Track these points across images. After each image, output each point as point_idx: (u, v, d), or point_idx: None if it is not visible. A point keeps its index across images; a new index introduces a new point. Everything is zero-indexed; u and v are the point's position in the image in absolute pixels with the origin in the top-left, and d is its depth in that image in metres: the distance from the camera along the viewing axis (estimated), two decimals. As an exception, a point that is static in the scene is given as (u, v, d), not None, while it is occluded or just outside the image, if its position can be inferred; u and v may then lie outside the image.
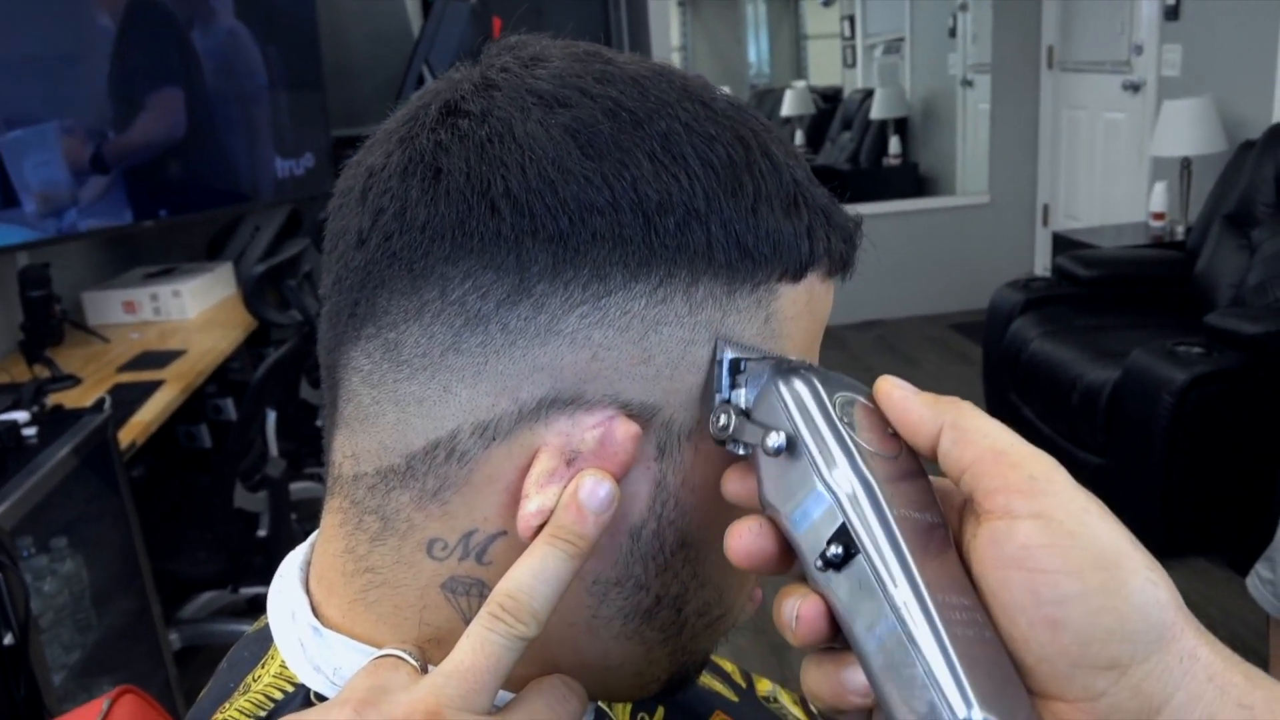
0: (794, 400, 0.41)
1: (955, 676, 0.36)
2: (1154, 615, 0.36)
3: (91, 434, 1.90)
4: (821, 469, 0.40)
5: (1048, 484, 0.38)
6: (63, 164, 2.67)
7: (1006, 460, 0.39)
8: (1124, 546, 0.37)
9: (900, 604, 0.38)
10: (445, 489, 0.43)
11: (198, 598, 2.74)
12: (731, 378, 0.43)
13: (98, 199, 2.77)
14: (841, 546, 0.39)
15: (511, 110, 0.42)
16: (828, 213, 0.47)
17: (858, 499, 0.39)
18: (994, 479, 0.38)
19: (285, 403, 3.03)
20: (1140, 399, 2.92)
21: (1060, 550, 0.37)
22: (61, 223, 2.65)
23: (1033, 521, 0.37)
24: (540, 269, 0.41)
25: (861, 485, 0.39)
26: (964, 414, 0.40)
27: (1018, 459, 0.39)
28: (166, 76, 3.02)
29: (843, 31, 8.20)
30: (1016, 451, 0.39)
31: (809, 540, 0.40)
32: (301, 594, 0.49)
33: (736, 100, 0.47)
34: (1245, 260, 3.47)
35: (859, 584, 0.39)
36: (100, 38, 2.81)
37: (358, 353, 0.45)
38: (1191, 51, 4.27)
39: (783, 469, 0.41)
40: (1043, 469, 0.38)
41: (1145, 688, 0.36)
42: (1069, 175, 5.43)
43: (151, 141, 2.97)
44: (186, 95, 3.06)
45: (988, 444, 0.39)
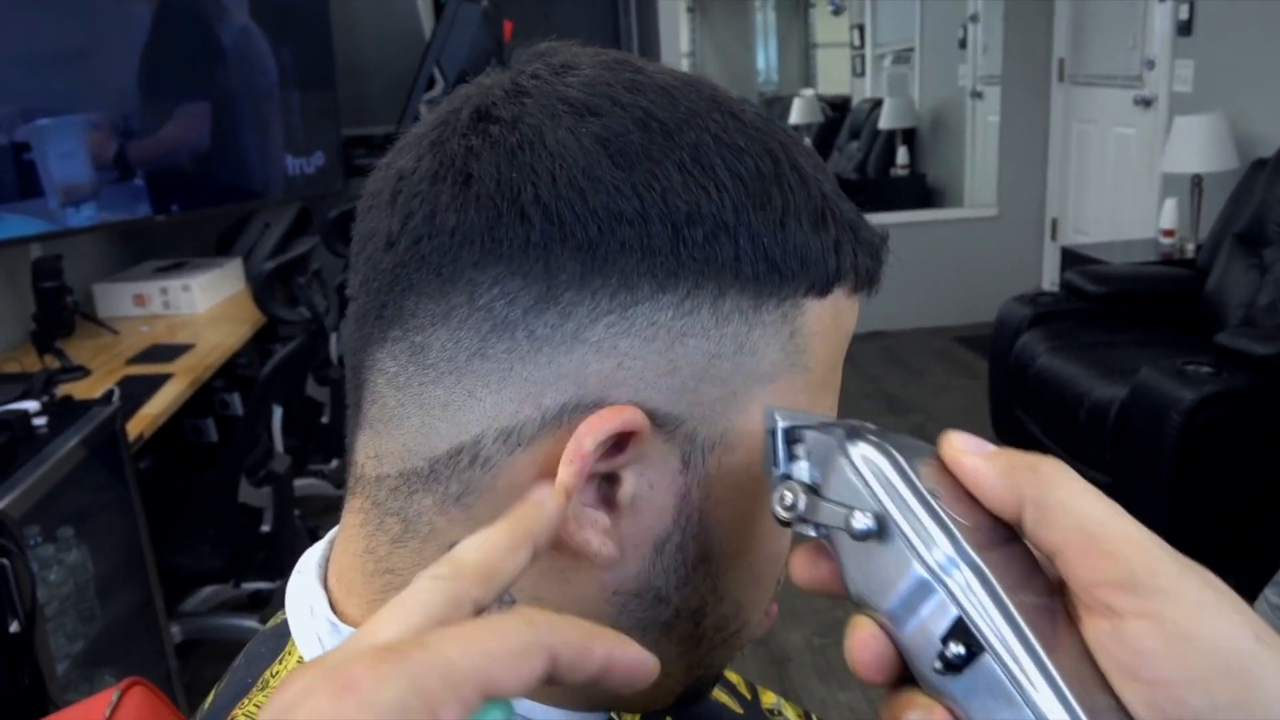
0: (873, 473, 0.37)
1: None
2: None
3: (100, 425, 1.91)
4: (922, 553, 0.35)
5: (1151, 576, 0.33)
6: (87, 160, 2.70)
7: (1099, 548, 0.34)
8: (1248, 645, 0.32)
9: (1046, 711, 0.33)
10: (468, 493, 0.44)
11: (200, 591, 2.75)
12: (789, 448, 0.40)
13: (112, 193, 2.78)
14: (963, 645, 0.34)
15: (542, 117, 0.43)
16: (855, 227, 0.47)
17: (971, 587, 0.34)
18: (1088, 570, 0.34)
19: (291, 399, 3.04)
20: (1148, 418, 2.91)
21: (1179, 657, 0.32)
22: (79, 215, 2.66)
23: (1142, 622, 0.33)
24: (568, 277, 0.41)
25: (972, 570, 0.35)
26: (1045, 488, 0.36)
27: (1112, 546, 0.34)
28: (196, 85, 3.05)
29: (852, 40, 8.22)
30: (1110, 536, 0.34)
31: (919, 639, 0.35)
32: (320, 590, 0.49)
33: (765, 112, 0.47)
34: (1256, 279, 3.46)
35: (988, 688, 0.34)
36: (134, 33, 2.83)
37: (384, 354, 0.45)
38: (1204, 67, 4.27)
39: (872, 555, 0.36)
40: (1144, 558, 0.34)
41: None
42: (1078, 189, 5.43)
43: (175, 151, 2.99)
44: (213, 106, 3.08)
45: (1075, 525, 0.35)
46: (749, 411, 0.44)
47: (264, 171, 3.36)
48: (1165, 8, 4.43)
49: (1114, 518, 0.35)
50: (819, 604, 2.95)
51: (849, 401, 4.00)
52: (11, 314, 2.71)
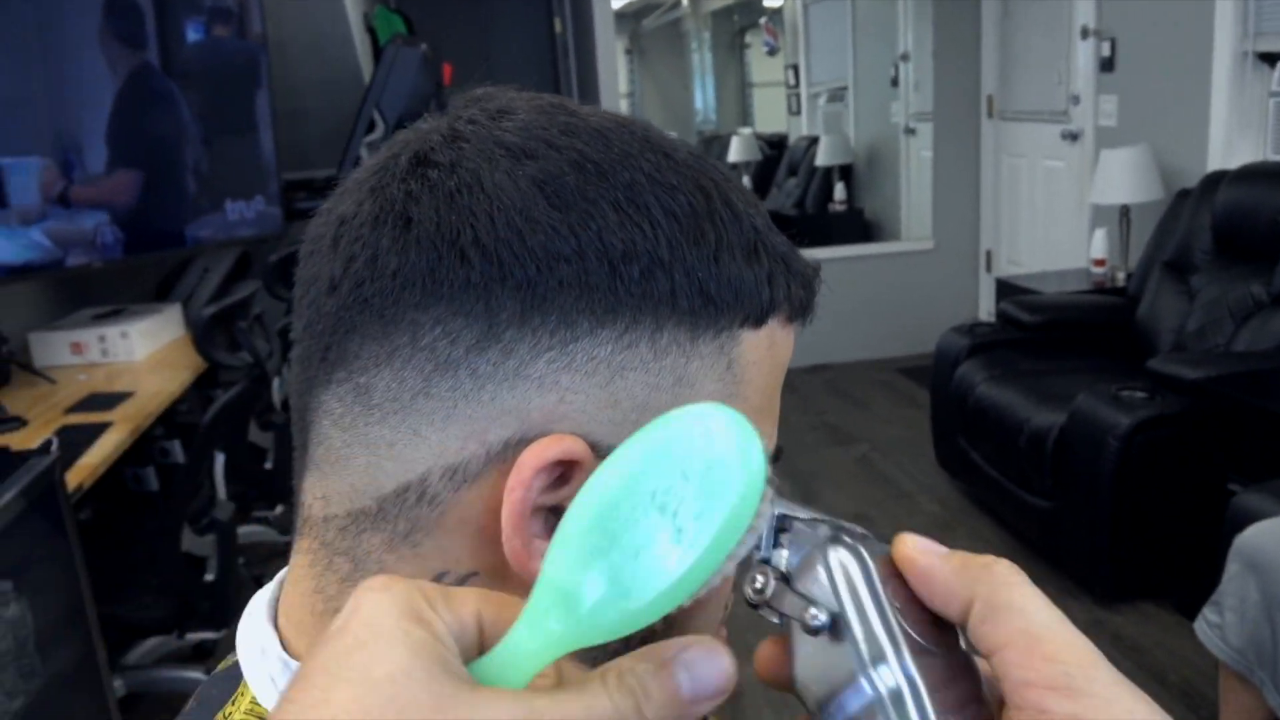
0: (842, 575, 0.38)
1: None
2: None
3: (38, 477, 1.87)
4: (866, 661, 0.36)
5: (1086, 682, 0.34)
6: (38, 193, 2.80)
7: (1041, 651, 0.35)
8: None
9: None
10: (416, 531, 0.44)
11: (143, 643, 2.70)
12: (775, 536, 0.40)
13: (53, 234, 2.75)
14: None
15: (480, 161, 0.44)
16: (787, 260, 0.48)
17: (903, 700, 0.36)
18: (1026, 670, 0.35)
19: (234, 445, 2.99)
20: (1086, 443, 2.97)
21: None
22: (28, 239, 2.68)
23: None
24: (509, 315, 0.42)
25: (908, 684, 0.36)
26: (997, 587, 0.37)
27: (1053, 650, 0.35)
28: (133, 133, 3.06)
29: (787, 80, 8.33)
30: (1053, 639, 0.35)
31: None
32: (271, 631, 0.50)
33: (697, 150, 0.49)
34: (1185, 306, 3.55)
35: None
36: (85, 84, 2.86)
37: (329, 396, 0.45)
38: (1127, 102, 4.39)
39: (821, 650, 0.38)
40: (1080, 663, 0.35)
41: None
42: (1011, 222, 5.54)
43: (107, 204, 2.99)
44: (149, 153, 3.09)
45: (1021, 626, 0.36)
46: None
47: (203, 216, 3.33)
48: (1088, 45, 4.56)
49: (1059, 624, 0.36)
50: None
51: (794, 434, 4.02)
52: (-56, 366, 2.65)
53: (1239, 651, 2.12)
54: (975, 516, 3.73)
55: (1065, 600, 3.08)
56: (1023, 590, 0.37)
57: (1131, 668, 2.73)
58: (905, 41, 6.33)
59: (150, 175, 3.11)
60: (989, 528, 3.63)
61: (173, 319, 3.22)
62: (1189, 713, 2.55)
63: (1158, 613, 2.99)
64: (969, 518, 3.74)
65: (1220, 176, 3.54)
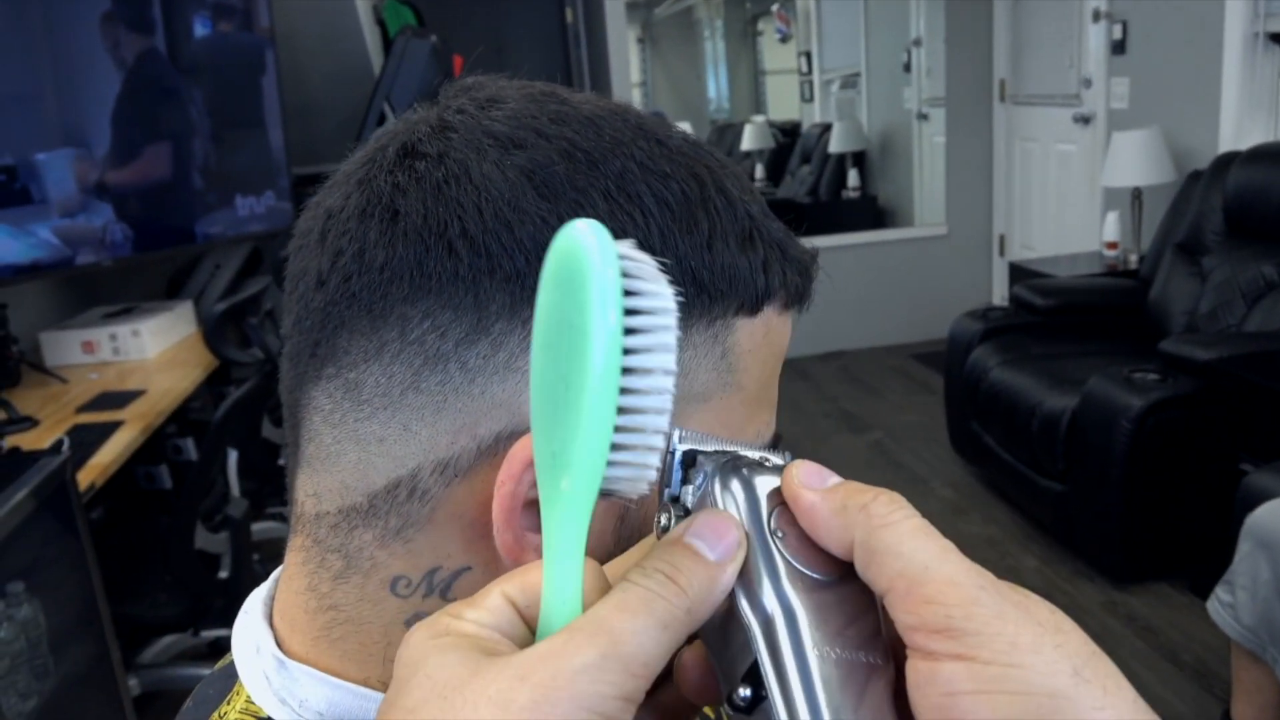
0: (731, 506, 0.37)
1: None
2: None
3: (49, 476, 1.88)
4: (744, 592, 0.35)
5: (966, 619, 0.32)
6: (74, 184, 2.84)
7: (920, 594, 0.33)
8: (1062, 684, 0.32)
9: None
10: (408, 527, 0.44)
11: (158, 642, 2.71)
12: (684, 471, 0.39)
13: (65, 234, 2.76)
14: (750, 689, 0.34)
15: (468, 152, 0.43)
16: (783, 246, 0.48)
17: (775, 631, 0.34)
18: (909, 614, 0.33)
19: (247, 442, 3.00)
20: (1099, 425, 2.96)
21: (987, 698, 0.32)
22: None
23: (954, 664, 0.32)
24: (498, 308, 0.41)
25: (783, 613, 0.34)
26: (873, 528, 0.35)
27: (932, 591, 0.33)
28: (148, 126, 3.09)
29: (800, 67, 8.30)
30: (931, 581, 0.33)
31: (728, 673, 0.36)
32: (266, 629, 0.49)
33: (692, 137, 0.48)
34: (1197, 287, 3.53)
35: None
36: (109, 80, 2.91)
37: (319, 392, 0.45)
38: (1139, 84, 4.36)
39: None
40: (960, 601, 0.33)
41: None
42: (1023, 206, 5.51)
43: (141, 184, 3.01)
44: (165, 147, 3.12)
45: (899, 569, 0.34)
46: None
47: (213, 212, 3.34)
48: (1099, 28, 4.53)
49: (939, 562, 0.34)
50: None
51: (808, 421, 4.02)
52: (-43, 366, 2.66)
53: (1251, 630, 2.12)
54: (989, 501, 3.73)
55: (1079, 582, 3.08)
56: (899, 529, 0.34)
57: (1145, 648, 2.74)
58: (917, 27, 6.30)
59: (162, 168, 3.12)
60: (1003, 512, 3.62)
61: (184, 316, 3.23)
62: (1202, 692, 2.55)
63: (1170, 593, 2.99)
64: (982, 502, 3.73)
65: (1231, 158, 3.53)
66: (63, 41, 2.82)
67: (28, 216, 2.68)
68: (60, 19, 2.79)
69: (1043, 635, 0.33)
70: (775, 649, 0.34)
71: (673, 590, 0.33)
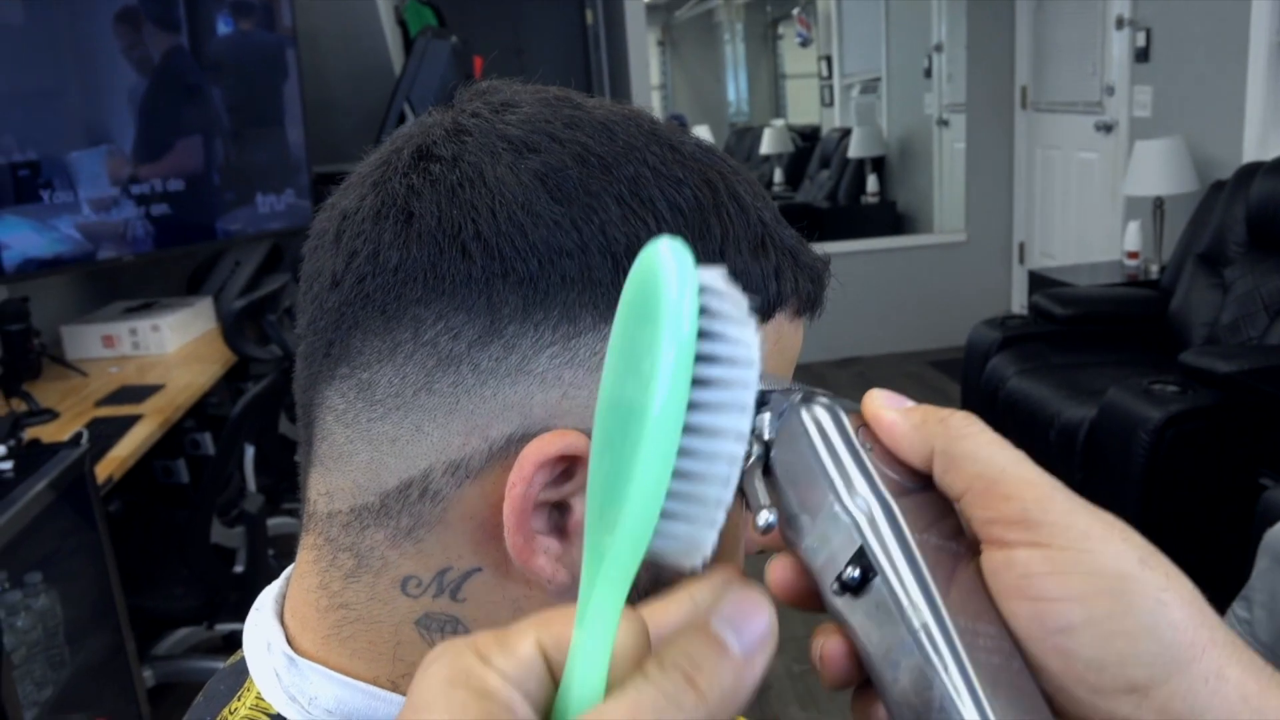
0: (815, 426, 0.40)
1: (978, 702, 0.34)
2: (1167, 637, 0.35)
3: (68, 469, 1.89)
4: (840, 492, 0.38)
5: (1042, 513, 0.36)
6: (106, 180, 2.89)
7: (998, 491, 0.37)
8: (1130, 568, 0.36)
9: (919, 626, 0.36)
10: (419, 527, 0.44)
11: (172, 634, 2.72)
12: (756, 409, 0.41)
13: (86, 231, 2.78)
14: (859, 569, 0.37)
15: (482, 155, 0.43)
16: (795, 253, 0.48)
17: (875, 519, 0.37)
18: (987, 510, 0.37)
19: (264, 438, 3.02)
20: (1117, 437, 2.94)
21: (1061, 578, 0.35)
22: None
23: (1030, 550, 0.36)
24: (511, 311, 0.42)
25: (880, 506, 0.38)
26: (952, 438, 0.38)
27: (1010, 489, 0.37)
28: (185, 123, 3.14)
29: (820, 71, 8.30)
30: (1008, 480, 0.37)
31: (827, 566, 0.38)
32: (277, 626, 0.50)
33: (706, 143, 0.48)
34: (1219, 299, 3.51)
35: (876, 607, 0.37)
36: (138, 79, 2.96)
37: (332, 392, 0.45)
38: (1162, 93, 4.34)
39: (803, 491, 0.40)
40: (1037, 497, 0.36)
41: (1171, 709, 0.35)
42: (1044, 214, 5.49)
43: (166, 180, 3.07)
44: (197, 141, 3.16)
45: (977, 471, 0.37)
46: None
47: (234, 209, 3.36)
48: (1123, 35, 4.51)
49: (1014, 464, 0.37)
50: (798, 631, 2.94)
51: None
52: (-22, 358, 2.69)
53: (1268, 647, 2.10)
54: (1005, 511, 3.71)
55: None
56: (977, 439, 0.38)
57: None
58: (939, 32, 6.29)
59: (188, 164, 3.15)
60: (1019, 523, 3.60)
61: (203, 312, 3.25)
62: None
63: (1189, 608, 2.96)
64: (999, 512, 3.71)
65: (1255, 168, 3.49)
66: (86, 39, 2.84)
67: (51, 211, 2.70)
68: (83, 16, 2.81)
69: (1111, 529, 0.36)
70: (880, 533, 0.37)
71: (691, 698, 0.30)
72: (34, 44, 2.69)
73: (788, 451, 0.40)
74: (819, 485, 0.39)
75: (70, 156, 2.78)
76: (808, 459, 0.40)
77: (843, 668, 0.39)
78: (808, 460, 0.40)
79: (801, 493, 0.40)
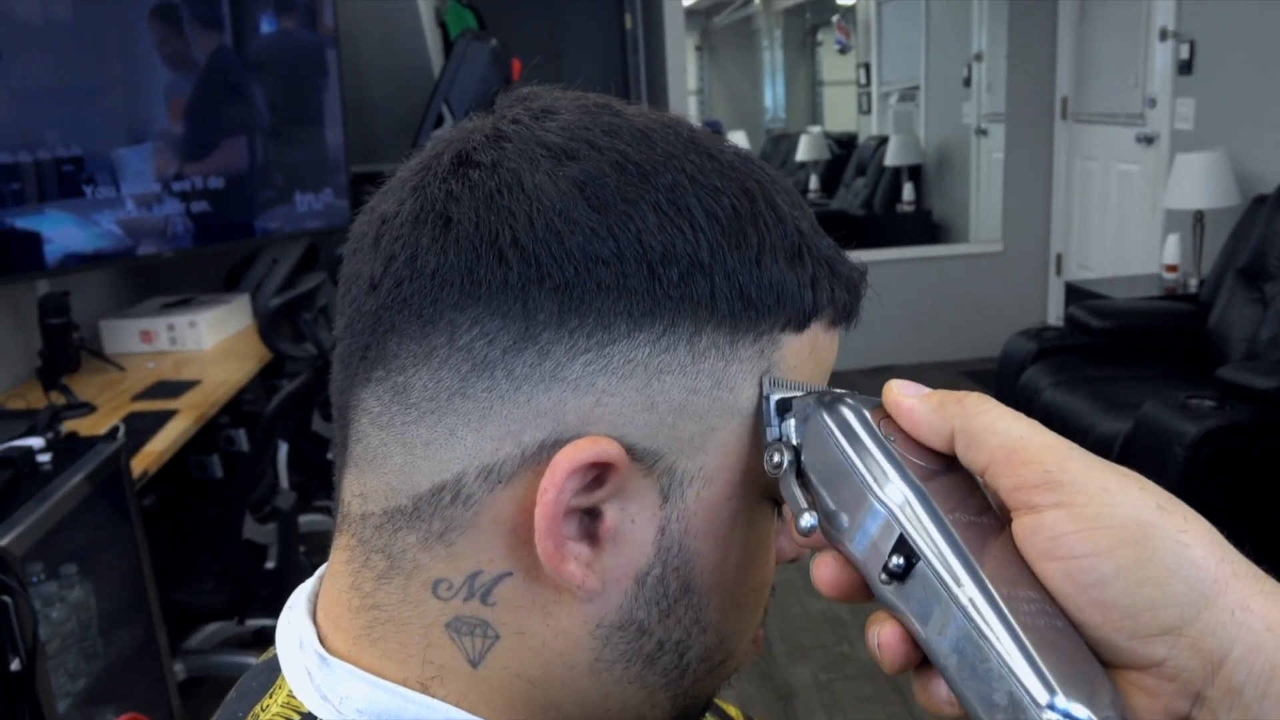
0: (840, 426, 0.42)
1: (1033, 664, 0.36)
2: (1191, 576, 0.38)
3: (105, 462, 1.91)
4: (873, 485, 0.41)
5: (1062, 473, 0.39)
6: (153, 177, 2.94)
7: (1019, 458, 0.39)
8: (1149, 515, 0.38)
9: (966, 601, 0.38)
10: (451, 530, 0.44)
11: (204, 628, 2.75)
12: (780, 416, 0.44)
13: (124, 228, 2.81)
14: (902, 556, 0.40)
15: (521, 162, 0.44)
16: (832, 263, 0.48)
17: (912, 507, 0.40)
18: (1010, 478, 0.39)
19: (297, 435, 3.04)
20: (1152, 451, 2.91)
21: (1086, 535, 0.38)
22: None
23: (1055, 511, 0.38)
24: (546, 317, 0.42)
25: (914, 493, 0.40)
26: (970, 415, 0.41)
27: (1030, 454, 0.39)
28: (228, 121, 3.19)
29: (858, 79, 8.27)
30: (1028, 446, 0.39)
31: (870, 557, 0.41)
32: (309, 624, 0.50)
33: (744, 152, 0.48)
34: (1259, 314, 3.47)
35: (924, 590, 0.39)
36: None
37: (367, 395, 0.46)
38: (1205, 105, 4.29)
39: (838, 491, 0.42)
40: (1056, 458, 0.39)
41: (1203, 645, 0.37)
42: (1082, 226, 5.44)
43: (208, 178, 3.11)
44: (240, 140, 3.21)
45: (997, 443, 0.40)
46: (727, 446, 0.45)
47: (272, 208, 3.39)
48: (1166, 47, 4.46)
49: (1031, 432, 0.40)
50: (825, 640, 2.94)
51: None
52: (18, 350, 2.72)
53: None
54: (1038, 524, 3.67)
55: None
56: (993, 413, 0.41)
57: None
58: (979, 41, 6.25)
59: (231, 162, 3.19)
60: (1051, 536, 3.57)
61: (240, 309, 3.28)
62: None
63: (1224, 627, 2.92)
64: (1031, 525, 3.68)
65: (1300, 182, 3.46)
66: (131, 36, 2.87)
67: (94, 206, 2.73)
68: (129, 14, 2.84)
69: (1128, 480, 0.39)
70: (918, 519, 0.40)
71: None
72: (79, 41, 2.73)
73: (817, 454, 0.43)
74: (852, 482, 0.41)
75: (114, 153, 2.81)
76: (837, 458, 0.42)
77: (900, 652, 0.41)
78: (837, 459, 0.42)
79: (836, 491, 0.42)
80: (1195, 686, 0.38)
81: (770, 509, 0.48)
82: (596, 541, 0.44)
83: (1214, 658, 0.37)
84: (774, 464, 0.44)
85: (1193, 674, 0.37)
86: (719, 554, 0.46)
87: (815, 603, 3.08)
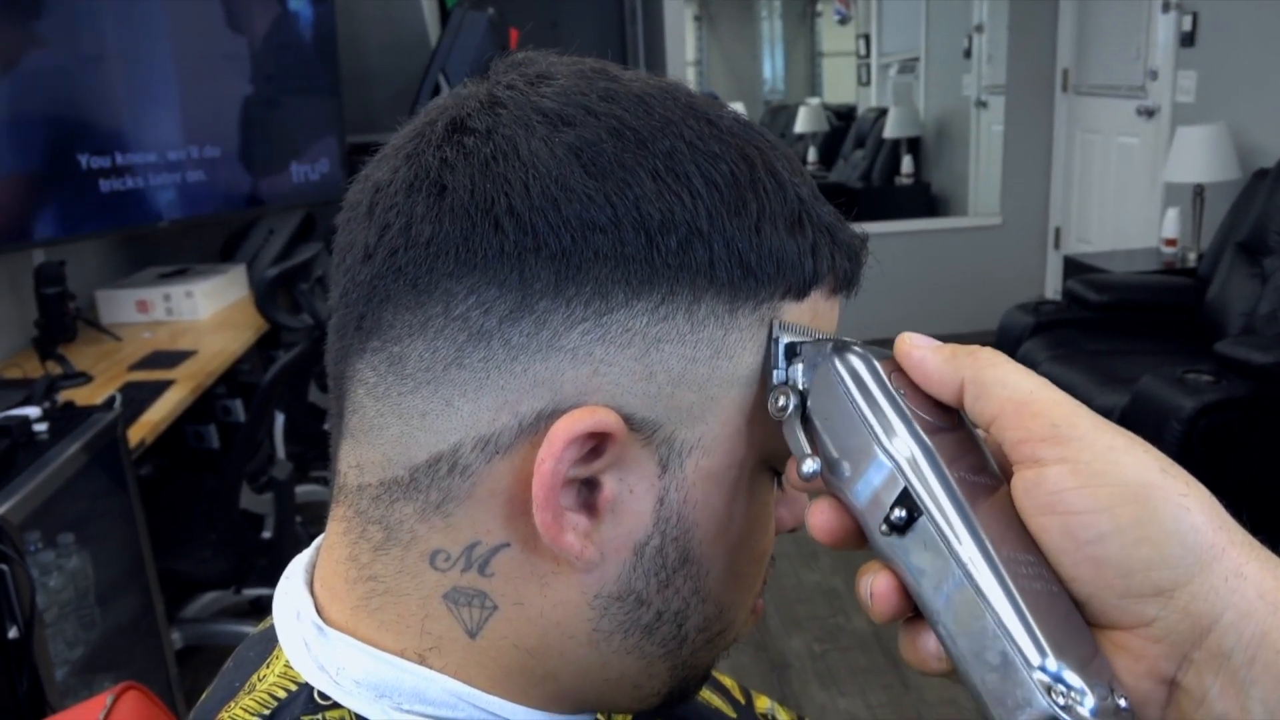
0: (850, 375, 0.42)
1: (1027, 626, 0.37)
2: (1189, 539, 0.38)
3: (101, 432, 1.91)
4: (881, 437, 0.41)
5: (1070, 429, 0.39)
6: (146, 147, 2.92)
7: (1028, 411, 0.40)
8: (1152, 477, 0.38)
9: (966, 559, 0.38)
10: (448, 501, 0.44)
11: (201, 598, 2.76)
12: (788, 360, 0.44)
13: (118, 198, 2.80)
14: (905, 510, 0.40)
15: (516, 128, 0.43)
16: (832, 230, 0.47)
17: (918, 462, 0.40)
18: (1017, 430, 0.40)
19: (294, 406, 3.04)
20: (1149, 425, 2.91)
21: (1089, 491, 0.38)
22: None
23: (1059, 466, 0.38)
24: (543, 286, 0.41)
25: (921, 449, 0.40)
26: (982, 367, 0.41)
27: (1039, 408, 0.40)
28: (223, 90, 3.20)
29: (858, 50, 8.23)
30: (1037, 400, 0.40)
31: (872, 508, 0.41)
32: (307, 595, 0.50)
33: (743, 118, 0.47)
34: (1257, 288, 3.46)
35: (924, 544, 0.39)
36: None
37: (363, 365, 0.45)
38: (1206, 78, 4.27)
39: (843, 438, 0.42)
40: (1064, 414, 0.39)
41: (1194, 608, 0.37)
42: (1081, 199, 5.42)
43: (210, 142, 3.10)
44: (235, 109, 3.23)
45: (1007, 395, 0.40)
46: (726, 415, 0.45)
47: (268, 177, 3.37)
48: (1168, 19, 4.44)
49: (1041, 388, 0.40)
50: (819, 610, 2.95)
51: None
52: (14, 320, 2.72)
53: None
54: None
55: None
56: (1004, 366, 0.41)
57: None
58: (980, 13, 6.21)
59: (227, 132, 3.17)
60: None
61: (237, 279, 3.27)
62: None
63: (1218, 601, 2.94)
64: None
65: (1301, 156, 3.44)
66: (128, 3, 2.85)
67: (89, 175, 2.72)
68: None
69: (1133, 441, 0.39)
70: (923, 474, 0.40)
71: None
72: (76, 10, 2.70)
73: (824, 400, 0.43)
74: (859, 432, 0.41)
75: (108, 122, 2.79)
76: (845, 406, 0.42)
77: (892, 603, 0.41)
78: (846, 408, 0.42)
79: (842, 439, 0.42)
80: (1182, 649, 0.38)
81: (770, 479, 0.48)
82: (595, 512, 0.44)
83: (1203, 622, 0.37)
84: (779, 407, 0.43)
85: (1181, 636, 0.38)
86: (718, 524, 0.46)
87: (810, 574, 3.09)
